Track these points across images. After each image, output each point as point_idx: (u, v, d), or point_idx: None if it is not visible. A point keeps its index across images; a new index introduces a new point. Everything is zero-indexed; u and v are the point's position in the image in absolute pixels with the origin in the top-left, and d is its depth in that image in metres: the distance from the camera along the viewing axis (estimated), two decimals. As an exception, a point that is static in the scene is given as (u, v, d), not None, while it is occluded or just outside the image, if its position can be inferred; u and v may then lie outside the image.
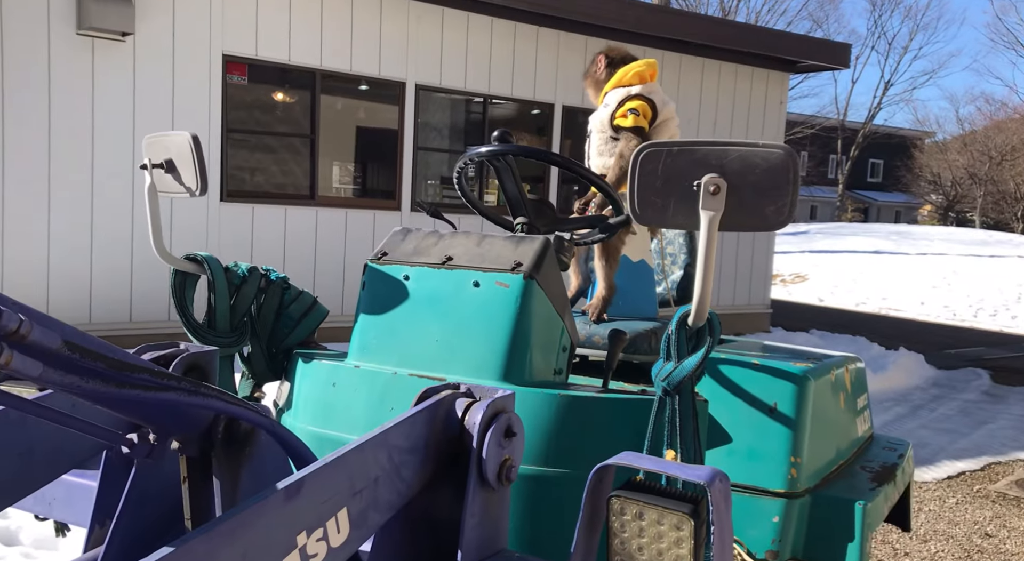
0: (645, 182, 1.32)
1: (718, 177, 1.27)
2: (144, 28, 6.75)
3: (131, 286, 6.92)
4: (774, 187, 1.26)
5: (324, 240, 7.89)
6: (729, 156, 1.27)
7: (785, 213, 1.26)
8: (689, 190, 1.29)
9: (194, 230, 7.16)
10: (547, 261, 1.60)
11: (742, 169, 1.26)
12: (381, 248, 1.72)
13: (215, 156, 7.22)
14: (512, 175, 1.86)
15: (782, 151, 1.27)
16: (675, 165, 1.30)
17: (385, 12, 7.96)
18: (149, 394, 0.93)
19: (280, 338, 1.81)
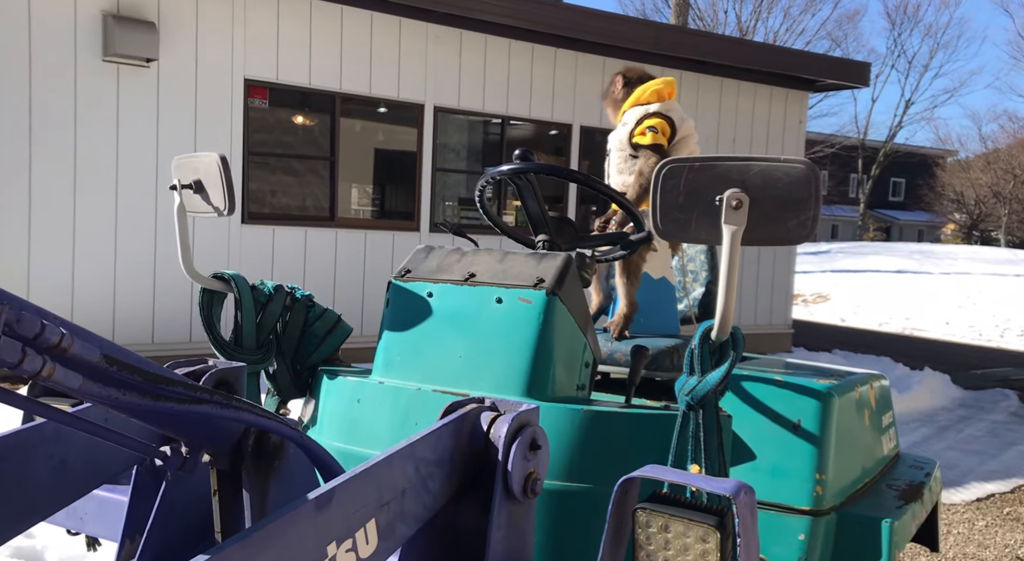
0: (667, 197, 1.33)
1: (740, 192, 1.28)
2: (168, 54, 6.89)
3: (153, 308, 7.00)
4: (796, 201, 1.27)
5: (344, 261, 7.95)
6: (751, 171, 1.28)
7: (808, 227, 1.27)
8: (711, 205, 1.30)
9: (216, 252, 7.24)
10: (569, 277, 1.61)
11: (764, 184, 1.27)
12: (404, 265, 1.74)
13: (236, 179, 7.32)
14: (534, 193, 1.88)
15: (804, 165, 1.28)
16: (697, 180, 1.31)
17: (404, 35, 8.08)
18: (183, 407, 0.95)
19: (305, 355, 1.83)
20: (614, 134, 2.48)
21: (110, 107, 6.73)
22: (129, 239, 6.84)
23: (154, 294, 6.99)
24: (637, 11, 32.41)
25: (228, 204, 1.74)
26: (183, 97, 7.03)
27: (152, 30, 6.69)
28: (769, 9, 34.47)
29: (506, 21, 8.33)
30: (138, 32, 6.60)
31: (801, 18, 39.10)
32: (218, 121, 7.21)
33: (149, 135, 6.90)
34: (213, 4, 7.10)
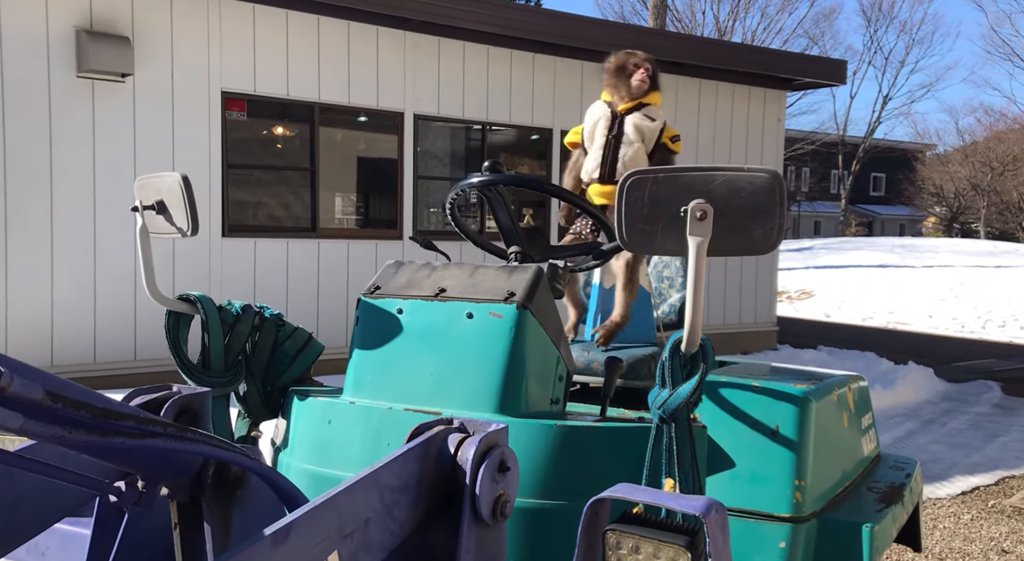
0: (632, 209, 1.32)
1: (704, 202, 1.27)
2: (143, 68, 6.83)
3: (135, 325, 6.93)
4: (761, 211, 1.26)
5: (326, 272, 7.91)
6: (715, 181, 1.27)
7: (773, 236, 1.26)
8: (676, 216, 1.29)
9: (196, 266, 7.18)
10: (540, 290, 1.60)
11: (728, 194, 1.26)
12: (374, 282, 1.72)
13: (216, 192, 7.27)
14: (504, 205, 1.87)
15: (768, 174, 1.27)
16: (661, 192, 1.30)
17: (381, 44, 8.05)
18: (135, 441, 0.92)
19: (276, 376, 1.80)
20: (639, 121, 2.40)
21: (86, 123, 6.67)
22: (109, 256, 6.77)
23: (135, 311, 6.92)
24: (616, 14, 32.55)
25: (191, 225, 1.71)
26: (160, 111, 6.97)
27: (126, 45, 6.64)
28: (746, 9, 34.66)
29: (484, 27, 8.33)
30: (112, 47, 6.54)
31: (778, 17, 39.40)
32: (196, 135, 7.15)
33: (126, 151, 6.84)
34: (188, 17, 7.05)
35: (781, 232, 1.25)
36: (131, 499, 1.01)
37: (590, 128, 2.42)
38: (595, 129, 2.41)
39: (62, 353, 6.66)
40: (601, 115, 2.41)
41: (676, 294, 2.53)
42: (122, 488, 1.01)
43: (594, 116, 2.43)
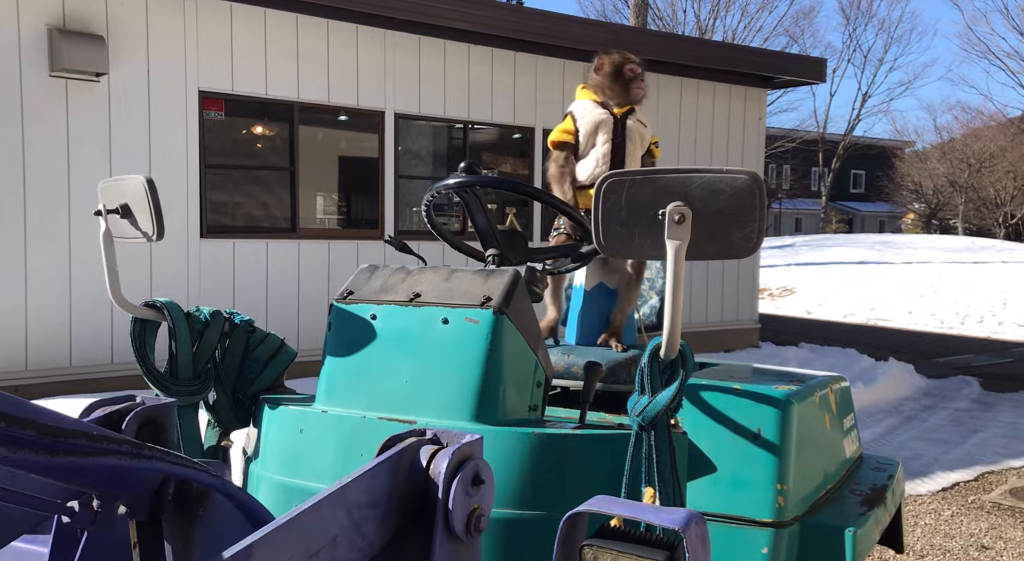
0: (609, 212, 1.29)
1: (683, 205, 1.24)
2: (118, 67, 6.73)
3: (112, 327, 6.83)
4: (741, 213, 1.23)
5: (307, 272, 7.83)
6: (693, 183, 1.24)
7: (753, 239, 1.23)
8: (654, 219, 1.26)
9: (174, 268, 7.09)
10: (517, 294, 1.56)
11: (707, 196, 1.23)
12: (347, 287, 1.68)
13: (194, 193, 7.18)
14: (481, 206, 1.83)
15: (747, 176, 1.24)
16: (639, 194, 1.27)
17: (361, 42, 7.98)
18: (87, 460, 0.88)
19: (246, 383, 1.76)
20: (636, 124, 2.39)
21: (59, 123, 6.55)
22: (84, 258, 6.66)
23: (112, 314, 6.81)
24: (598, 13, 32.57)
25: (156, 229, 1.66)
26: (136, 111, 6.87)
27: (101, 44, 6.53)
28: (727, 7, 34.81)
29: (464, 26, 8.28)
30: (86, 46, 6.43)
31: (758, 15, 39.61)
32: (173, 135, 7.06)
33: (101, 152, 6.73)
34: (164, 16, 6.95)
35: (761, 235, 1.23)
36: (86, 519, 0.97)
37: (588, 131, 2.35)
38: (594, 132, 2.35)
39: (36, 356, 6.55)
40: (602, 118, 2.36)
41: (656, 296, 2.51)
42: (75, 508, 0.96)
43: (593, 118, 2.36)
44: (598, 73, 2.43)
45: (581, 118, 2.38)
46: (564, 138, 2.39)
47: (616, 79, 2.41)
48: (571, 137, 2.38)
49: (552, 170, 2.38)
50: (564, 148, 2.38)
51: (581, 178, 2.36)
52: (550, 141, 2.41)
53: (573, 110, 2.43)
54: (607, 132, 2.34)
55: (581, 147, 2.38)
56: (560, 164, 2.36)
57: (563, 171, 2.34)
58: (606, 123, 2.36)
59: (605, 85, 2.42)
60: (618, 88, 2.41)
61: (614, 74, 2.43)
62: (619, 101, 2.39)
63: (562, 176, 2.34)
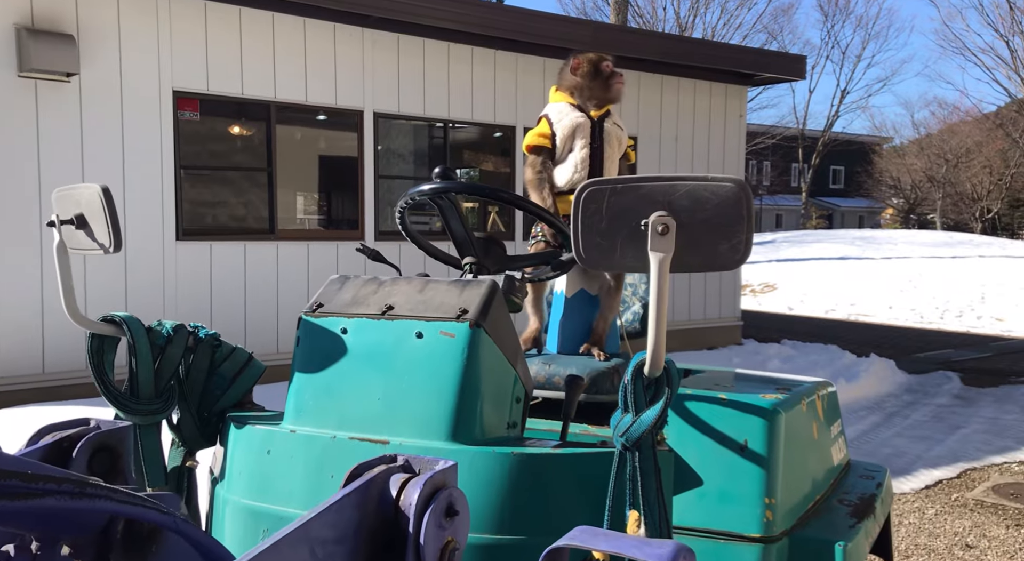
0: (589, 223, 1.22)
1: (666, 215, 1.18)
2: (89, 67, 6.58)
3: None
4: (727, 223, 1.17)
5: (286, 275, 7.72)
6: (677, 192, 1.18)
7: (741, 250, 1.17)
8: (636, 230, 1.20)
9: (149, 271, 6.96)
10: (495, 306, 1.50)
11: (692, 205, 1.17)
12: (316, 299, 1.60)
13: (169, 194, 7.05)
14: (457, 213, 1.76)
15: (733, 184, 1.18)
16: (620, 204, 1.20)
17: (339, 41, 7.88)
18: (19, 503, 0.80)
19: (212, 400, 1.68)
20: (615, 127, 2.34)
21: (28, 125, 6.40)
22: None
23: (84, 318, 6.67)
24: (578, 10, 32.55)
25: (113, 240, 1.58)
26: (108, 112, 6.72)
27: (71, 43, 6.38)
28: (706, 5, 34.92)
29: (444, 24, 8.20)
30: (56, 45, 6.29)
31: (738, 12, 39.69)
32: (147, 136, 6.92)
33: (73, 154, 6.58)
34: (136, 14, 6.81)
35: (749, 246, 1.17)
36: (24, 565, 0.89)
37: (565, 134, 2.27)
38: (571, 136, 2.28)
39: (7, 365, 6.40)
40: (579, 122, 2.28)
41: (639, 302, 2.45)
42: (11, 553, 0.88)
43: (569, 122, 2.28)
44: (575, 73, 2.36)
45: (557, 121, 2.30)
46: (540, 142, 2.31)
47: (595, 77, 2.35)
48: (547, 141, 2.30)
49: (529, 175, 2.30)
50: (540, 152, 2.30)
51: (560, 183, 2.28)
52: (525, 145, 2.33)
53: (548, 113, 2.35)
54: (585, 136, 2.27)
55: (558, 151, 2.30)
56: (537, 169, 2.28)
57: (541, 176, 2.27)
58: (583, 127, 2.29)
59: (583, 85, 2.35)
60: (597, 87, 2.34)
61: (593, 72, 2.36)
62: (598, 101, 2.33)
63: (540, 182, 2.26)
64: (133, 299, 6.87)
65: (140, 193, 6.89)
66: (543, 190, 2.25)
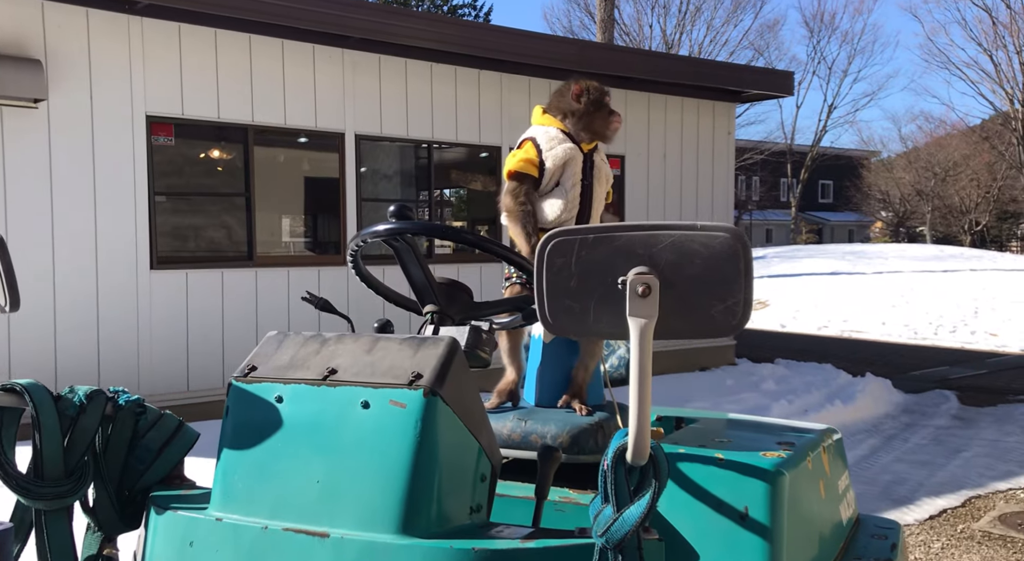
0: (556, 281, 1.02)
1: (648, 272, 0.98)
2: (59, 93, 6.38)
3: (56, 361, 6.44)
4: (721, 281, 0.97)
5: (266, 302, 7.49)
6: (660, 243, 0.98)
7: (738, 313, 0.97)
8: (613, 289, 1.00)
9: (122, 302, 6.72)
10: (455, 367, 1.29)
11: (678, 260, 0.98)
12: (249, 360, 1.40)
13: (143, 222, 6.83)
14: (415, 256, 1.56)
15: (727, 234, 0.98)
16: (593, 258, 1.00)
17: (318, 62, 7.71)
18: None
19: (135, 477, 1.46)
20: (604, 166, 2.16)
21: (-5, 152, 6.19)
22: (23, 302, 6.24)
23: (56, 348, 6.43)
24: (564, 29, 32.63)
25: (9, 298, 1.37)
26: (78, 139, 6.51)
27: (38, 68, 6.18)
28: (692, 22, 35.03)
29: (426, 44, 8.05)
30: (21, 70, 6.09)
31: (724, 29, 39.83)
32: (119, 163, 6.71)
33: (41, 181, 6.36)
34: (106, 38, 6.62)
35: (748, 307, 0.97)
36: None
37: (556, 164, 2.07)
38: (562, 167, 2.07)
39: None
40: (572, 154, 2.08)
41: (624, 345, 2.25)
42: None
43: (563, 153, 2.07)
44: (577, 100, 2.15)
45: (548, 149, 2.08)
46: (526, 169, 2.07)
47: (597, 109, 2.15)
48: (534, 169, 2.07)
49: (510, 205, 2.05)
50: (524, 181, 2.07)
51: (548, 218, 2.05)
52: (508, 170, 2.10)
53: (536, 137, 2.13)
54: (577, 170, 2.07)
55: (544, 182, 2.08)
56: (520, 200, 2.04)
57: (524, 209, 2.04)
58: (576, 160, 2.07)
59: (581, 114, 2.13)
60: (596, 120, 2.14)
61: (596, 103, 2.15)
62: (591, 135, 2.13)
63: (524, 214, 2.03)
64: (105, 331, 6.62)
65: (112, 221, 6.67)
66: (527, 224, 2.02)
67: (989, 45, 34.09)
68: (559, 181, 2.08)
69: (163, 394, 6.80)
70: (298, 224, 8.61)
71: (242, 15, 6.99)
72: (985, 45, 34.59)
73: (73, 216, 6.49)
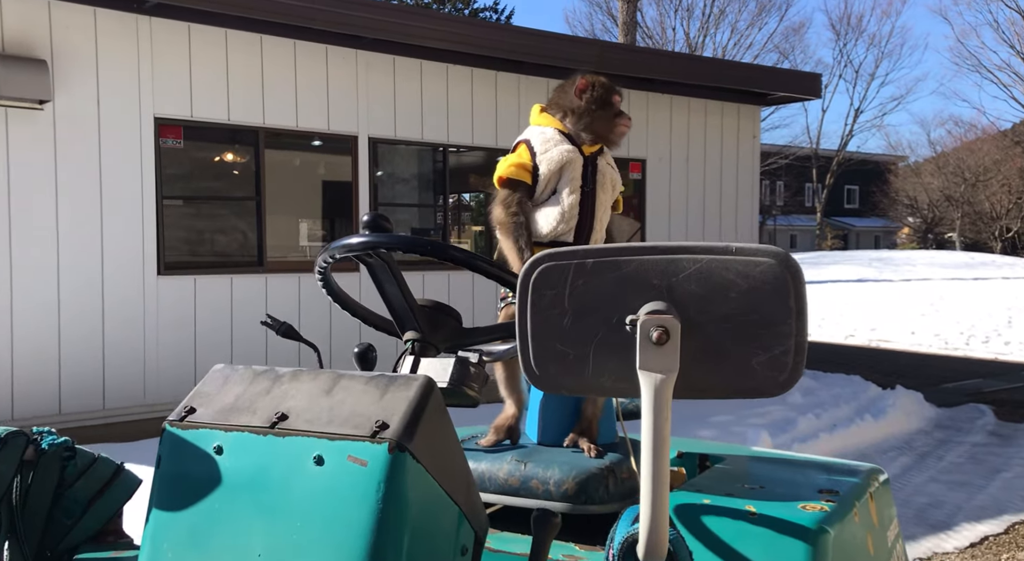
0: (543, 319, 0.78)
1: (664, 311, 0.73)
2: (65, 94, 6.24)
3: (60, 371, 6.30)
4: (764, 322, 0.72)
5: (275, 310, 7.30)
6: (681, 272, 0.73)
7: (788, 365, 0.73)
8: (619, 332, 0.76)
9: (129, 308, 6.56)
10: (430, 415, 1.06)
11: (706, 293, 0.73)
12: (188, 400, 1.17)
13: (150, 227, 6.67)
14: (392, 274, 1.33)
15: (772, 259, 0.73)
16: (592, 289, 0.76)
17: (331, 63, 7.53)
18: None
19: (59, 534, 1.24)
20: (609, 167, 1.92)
21: None
22: (27, 307, 6.12)
23: (60, 357, 6.29)
24: (586, 31, 32.38)
25: None
26: (84, 141, 6.37)
27: (43, 69, 6.05)
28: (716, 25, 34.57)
29: (442, 45, 7.84)
30: (27, 71, 5.96)
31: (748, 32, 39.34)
32: (127, 166, 6.56)
33: (47, 184, 6.23)
34: (114, 38, 6.48)
35: (801, 358, 0.73)
36: None
37: (551, 169, 1.83)
38: (559, 172, 1.84)
39: (-25, 410, 6.01)
40: (569, 157, 1.85)
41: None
42: None
43: (559, 155, 1.84)
44: (580, 95, 1.91)
45: (543, 152, 1.84)
46: (519, 176, 1.85)
47: (602, 107, 1.90)
48: (527, 175, 1.84)
49: (501, 216, 1.82)
50: (517, 188, 1.84)
51: (542, 232, 1.81)
52: (498, 177, 1.86)
53: (530, 139, 1.89)
54: (575, 175, 1.82)
55: (539, 189, 1.84)
56: (512, 210, 1.81)
57: (517, 220, 1.80)
58: (574, 163, 1.83)
59: (583, 112, 1.89)
60: (601, 119, 1.89)
61: (601, 100, 1.90)
62: (595, 136, 1.88)
63: (516, 227, 1.79)
64: (111, 338, 6.47)
65: (119, 225, 6.52)
66: (519, 238, 1.78)
67: (1022, 48, 33.34)
68: (555, 188, 1.84)
69: (169, 403, 6.63)
70: (309, 229, 8.44)
71: (253, 15, 6.83)
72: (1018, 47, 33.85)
73: (78, 220, 6.35)
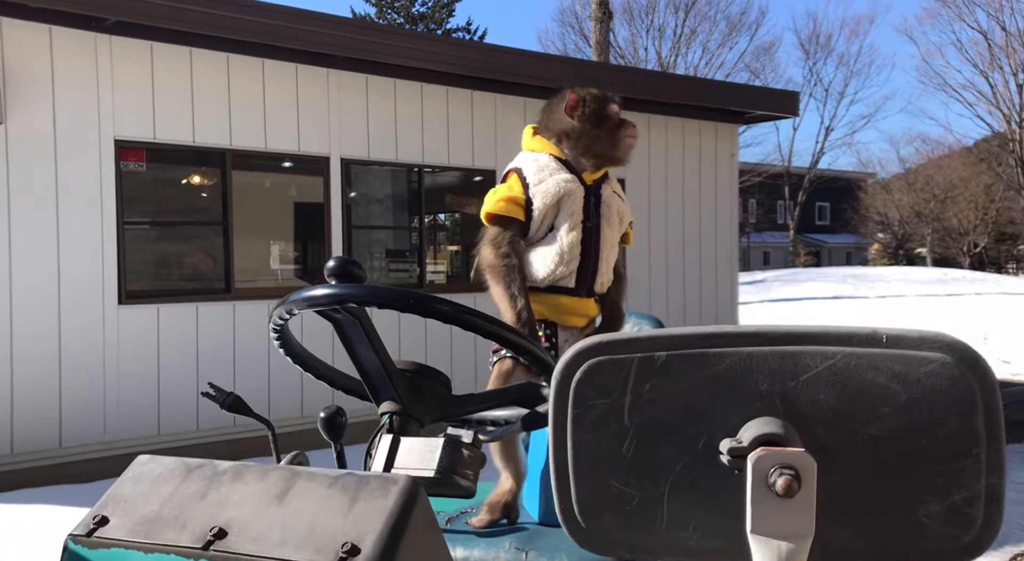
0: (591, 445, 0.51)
1: (785, 437, 0.47)
2: (18, 115, 5.91)
3: (12, 408, 5.91)
4: (937, 454, 0.48)
5: (244, 338, 6.97)
6: (804, 372, 0.46)
7: (976, 522, 0.48)
8: (710, 466, 0.50)
9: (88, 338, 6.20)
10: (412, 532, 0.80)
11: (844, 408, 0.47)
12: (100, 506, 0.90)
13: (110, 254, 6.33)
14: (364, 332, 1.07)
15: (947, 354, 0.48)
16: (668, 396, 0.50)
17: (301, 83, 7.27)
18: None
19: None
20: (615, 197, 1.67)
21: (-52, 179, 5.71)
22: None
23: (12, 402, 5.90)
24: (558, 51, 32.43)
25: None
26: (40, 164, 6.03)
27: (-6, 88, 5.73)
28: (688, 44, 34.86)
29: (416, 63, 7.63)
30: (-23, 91, 5.63)
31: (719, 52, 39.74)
32: (85, 190, 6.22)
33: (-2, 209, 5.88)
34: (72, 57, 6.17)
35: (997, 509, 0.48)
36: None
37: (547, 202, 1.58)
38: (555, 206, 1.59)
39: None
40: (567, 187, 1.59)
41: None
42: None
43: (555, 187, 1.59)
44: (572, 114, 1.66)
45: (537, 183, 1.59)
46: (511, 212, 1.59)
47: (599, 123, 1.65)
48: (519, 211, 1.59)
49: (490, 258, 1.55)
50: (508, 226, 1.58)
51: (536, 276, 1.55)
52: (486, 213, 1.59)
53: (522, 167, 1.63)
54: (576, 209, 1.57)
55: (534, 227, 1.59)
56: (503, 252, 1.54)
57: (508, 263, 1.52)
58: (574, 195, 1.58)
59: (580, 133, 1.65)
60: (601, 138, 1.64)
61: (596, 115, 1.66)
62: (598, 158, 1.63)
63: (508, 270, 1.52)
64: (69, 370, 6.10)
65: (77, 253, 6.17)
66: (511, 284, 1.50)
67: (985, 67, 34.00)
68: (553, 224, 1.59)
69: (132, 439, 6.27)
70: (280, 254, 8.12)
71: (219, 33, 6.57)
72: (981, 67, 34.49)
73: (33, 247, 6.00)
